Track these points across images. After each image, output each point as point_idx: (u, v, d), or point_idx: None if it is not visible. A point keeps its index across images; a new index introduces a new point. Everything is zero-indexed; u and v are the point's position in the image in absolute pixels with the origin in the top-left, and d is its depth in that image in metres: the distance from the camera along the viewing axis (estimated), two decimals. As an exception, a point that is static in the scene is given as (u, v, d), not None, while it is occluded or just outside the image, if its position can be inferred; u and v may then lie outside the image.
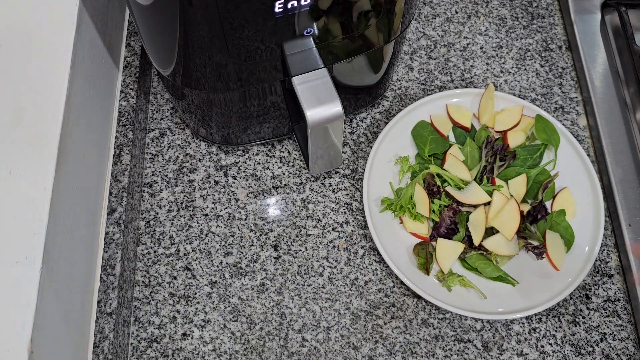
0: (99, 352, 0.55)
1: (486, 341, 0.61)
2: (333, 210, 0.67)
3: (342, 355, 0.60)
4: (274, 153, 0.70)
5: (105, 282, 0.57)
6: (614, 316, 0.62)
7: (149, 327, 0.61)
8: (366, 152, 0.70)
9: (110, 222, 0.60)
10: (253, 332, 0.61)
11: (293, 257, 0.65)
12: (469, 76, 0.76)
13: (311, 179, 0.69)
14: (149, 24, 0.50)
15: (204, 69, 0.53)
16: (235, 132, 0.65)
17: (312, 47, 0.53)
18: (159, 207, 0.67)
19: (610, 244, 0.66)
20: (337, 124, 0.55)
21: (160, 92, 0.74)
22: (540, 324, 0.62)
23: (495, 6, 0.81)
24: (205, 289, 0.63)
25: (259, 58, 0.52)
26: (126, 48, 0.70)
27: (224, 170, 0.69)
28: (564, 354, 0.60)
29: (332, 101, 0.53)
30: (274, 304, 0.62)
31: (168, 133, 0.71)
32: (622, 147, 0.70)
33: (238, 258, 0.65)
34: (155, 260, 0.64)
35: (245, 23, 0.47)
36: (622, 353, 0.60)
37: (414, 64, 0.76)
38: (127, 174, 0.62)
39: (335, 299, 0.63)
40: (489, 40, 0.78)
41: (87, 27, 0.57)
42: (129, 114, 0.66)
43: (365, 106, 0.71)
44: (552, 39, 0.79)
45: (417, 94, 0.74)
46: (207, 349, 0.60)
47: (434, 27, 0.79)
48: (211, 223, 0.66)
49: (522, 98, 0.74)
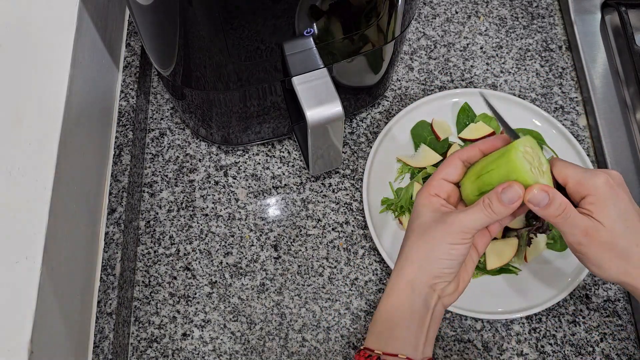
0: (99, 352, 0.55)
1: (486, 341, 0.61)
2: (333, 210, 0.67)
3: (342, 355, 0.60)
4: (274, 153, 0.70)
5: (105, 282, 0.57)
6: (614, 316, 0.62)
7: (149, 327, 0.61)
8: (366, 152, 0.70)
9: (110, 222, 0.60)
10: (253, 332, 0.61)
11: (293, 257, 0.65)
12: (469, 76, 0.76)
13: (311, 179, 0.69)
14: (149, 24, 0.50)
15: (204, 69, 0.53)
16: (235, 132, 0.65)
17: (312, 47, 0.53)
18: (159, 207, 0.67)
19: (610, 244, 0.66)
20: (337, 124, 0.55)
21: (160, 92, 0.74)
22: (540, 324, 0.62)
23: (495, 6, 0.81)
24: (205, 289, 0.63)
25: (259, 58, 0.52)
26: (126, 48, 0.70)
27: (224, 170, 0.69)
28: (564, 354, 0.60)
29: (332, 101, 0.53)
30: (274, 304, 0.62)
31: (168, 133, 0.71)
32: (622, 147, 0.70)
33: (238, 258, 0.65)
34: (155, 260, 0.64)
35: (245, 23, 0.47)
36: (622, 353, 0.60)
37: (414, 64, 0.76)
38: (127, 174, 0.62)
39: (335, 299, 0.63)
40: (489, 40, 0.78)
41: (87, 27, 0.57)
42: (129, 114, 0.66)
43: (365, 106, 0.71)
44: (552, 39, 0.79)
45: (417, 94, 0.74)
46: (207, 349, 0.60)
47: (434, 27, 0.79)
48: (211, 223, 0.66)
49: (522, 98, 0.74)
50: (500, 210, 0.43)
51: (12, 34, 0.51)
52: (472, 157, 0.47)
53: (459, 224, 0.44)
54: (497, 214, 0.43)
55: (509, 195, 0.42)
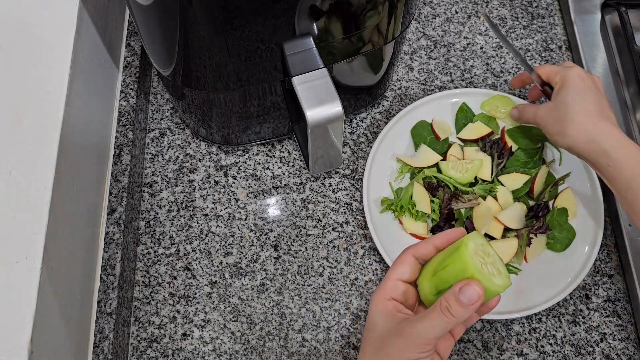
0: (99, 352, 0.55)
1: (486, 341, 0.61)
2: (333, 210, 0.67)
3: (342, 355, 0.60)
4: (274, 153, 0.70)
5: (105, 282, 0.57)
6: (614, 316, 0.62)
7: (149, 327, 0.61)
8: (366, 152, 0.70)
9: (110, 222, 0.60)
10: (253, 332, 0.61)
11: (293, 257, 0.65)
12: (469, 76, 0.76)
13: (311, 179, 0.69)
14: (149, 24, 0.50)
15: (204, 69, 0.53)
16: (235, 132, 0.65)
17: (312, 47, 0.53)
18: (159, 207, 0.67)
19: (610, 244, 0.66)
20: (337, 124, 0.55)
21: (160, 92, 0.74)
22: (540, 324, 0.62)
23: (495, 6, 0.81)
24: (205, 289, 0.63)
25: (259, 58, 0.52)
26: (126, 48, 0.70)
27: (224, 170, 0.69)
28: (564, 354, 0.60)
29: (332, 101, 0.53)
30: (274, 304, 0.62)
31: (168, 133, 0.71)
32: (622, 147, 0.70)
33: (238, 258, 0.65)
34: (155, 260, 0.64)
35: (245, 23, 0.47)
36: (622, 353, 0.60)
37: (414, 64, 0.76)
38: (127, 174, 0.62)
39: (335, 299, 0.63)
40: (489, 40, 0.78)
41: (87, 27, 0.57)
42: (129, 114, 0.66)
43: (365, 106, 0.71)
44: (552, 39, 0.79)
45: (417, 94, 0.74)
46: (207, 349, 0.60)
47: (434, 27, 0.79)
48: (211, 223, 0.66)
49: (522, 98, 0.74)
50: (460, 313, 0.38)
51: (12, 34, 0.51)
52: (426, 254, 0.44)
53: (417, 335, 0.39)
54: (457, 317, 0.38)
55: (467, 294, 0.38)
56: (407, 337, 0.40)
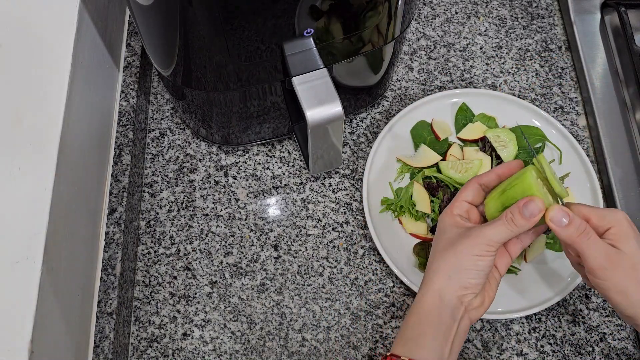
0: (99, 352, 0.55)
1: (486, 341, 0.61)
2: (333, 210, 0.67)
3: (342, 355, 0.60)
4: (274, 153, 0.70)
5: (106, 282, 0.58)
6: (614, 316, 0.62)
7: (149, 327, 0.61)
8: (366, 152, 0.70)
9: (110, 222, 0.60)
10: (253, 332, 0.61)
11: (293, 257, 0.65)
12: (468, 76, 0.76)
13: (311, 179, 0.69)
14: (149, 24, 0.50)
15: (204, 69, 0.53)
16: (236, 132, 0.65)
17: (312, 47, 0.53)
18: (159, 207, 0.67)
19: (610, 244, 0.66)
20: (337, 124, 0.55)
21: (160, 92, 0.74)
22: (540, 324, 0.62)
23: (495, 6, 0.81)
24: (206, 288, 0.63)
25: (259, 58, 0.52)
26: (126, 48, 0.70)
27: (224, 170, 0.69)
28: (563, 354, 0.60)
29: (332, 101, 0.53)
30: (274, 304, 0.62)
31: (168, 133, 0.71)
32: (622, 147, 0.70)
33: (238, 258, 0.65)
34: (156, 260, 0.64)
35: (246, 23, 0.47)
36: (622, 353, 0.60)
37: (414, 64, 0.76)
38: (127, 174, 0.62)
39: (335, 299, 0.63)
40: (488, 41, 0.78)
41: (87, 27, 0.57)
42: (129, 114, 0.66)
43: (365, 106, 0.71)
44: (552, 39, 0.79)
45: (417, 94, 0.74)
46: (207, 349, 0.60)
47: (434, 27, 0.79)
48: (211, 223, 0.66)
49: (522, 98, 0.74)
50: (522, 224, 0.45)
51: (12, 34, 0.51)
52: (489, 182, 0.51)
53: (484, 237, 0.46)
54: (518, 227, 0.45)
55: (530, 208, 0.45)
56: (474, 237, 0.47)
